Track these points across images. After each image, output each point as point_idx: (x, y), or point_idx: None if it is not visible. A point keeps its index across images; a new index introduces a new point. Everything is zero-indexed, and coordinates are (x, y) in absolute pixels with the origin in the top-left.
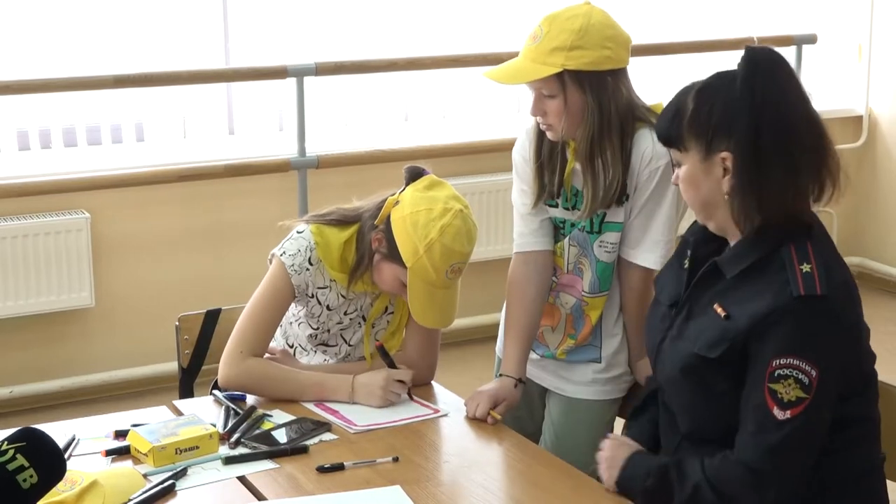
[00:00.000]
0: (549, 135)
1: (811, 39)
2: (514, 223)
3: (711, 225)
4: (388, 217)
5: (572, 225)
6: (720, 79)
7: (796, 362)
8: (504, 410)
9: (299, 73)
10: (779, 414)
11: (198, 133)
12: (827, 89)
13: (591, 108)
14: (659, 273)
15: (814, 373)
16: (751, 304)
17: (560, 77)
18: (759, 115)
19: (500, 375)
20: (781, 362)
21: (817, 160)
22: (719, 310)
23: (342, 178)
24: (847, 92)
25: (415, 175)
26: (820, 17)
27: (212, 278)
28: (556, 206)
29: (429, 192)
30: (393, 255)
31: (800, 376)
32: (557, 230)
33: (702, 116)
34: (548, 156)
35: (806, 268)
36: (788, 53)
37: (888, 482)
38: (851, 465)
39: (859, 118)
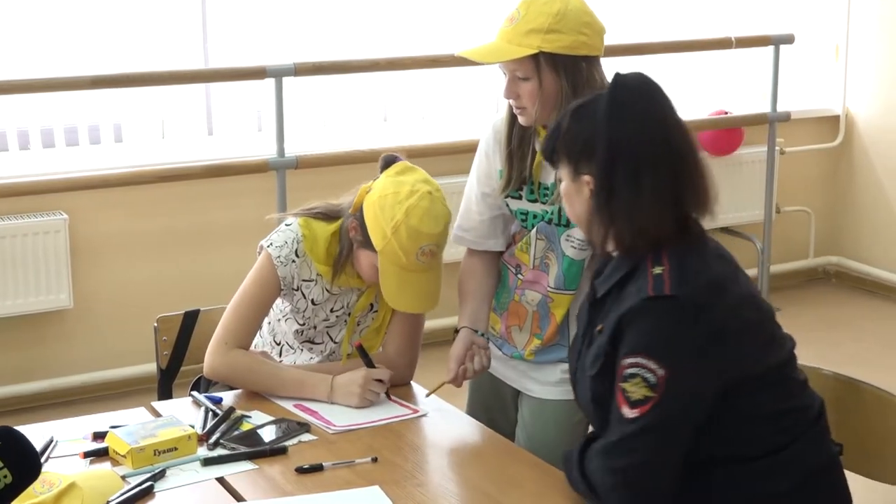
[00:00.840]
0: (521, 119)
1: (789, 40)
2: (459, 216)
3: (590, 240)
4: (362, 205)
5: (535, 217)
6: (594, 101)
7: (643, 361)
8: (479, 363)
9: (278, 73)
10: (627, 412)
11: (176, 134)
12: (804, 89)
13: (566, 93)
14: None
15: (661, 371)
16: (613, 315)
17: (535, 59)
18: (615, 145)
19: (457, 331)
20: (630, 362)
21: (677, 186)
22: (599, 328)
23: (321, 178)
24: (824, 92)
25: (389, 162)
26: (797, 17)
27: (190, 279)
28: (521, 197)
29: (399, 176)
30: (366, 241)
31: (646, 375)
32: (521, 223)
33: (570, 138)
34: (517, 144)
35: (657, 270)
36: (766, 53)
37: (865, 479)
38: (802, 460)
39: (836, 118)
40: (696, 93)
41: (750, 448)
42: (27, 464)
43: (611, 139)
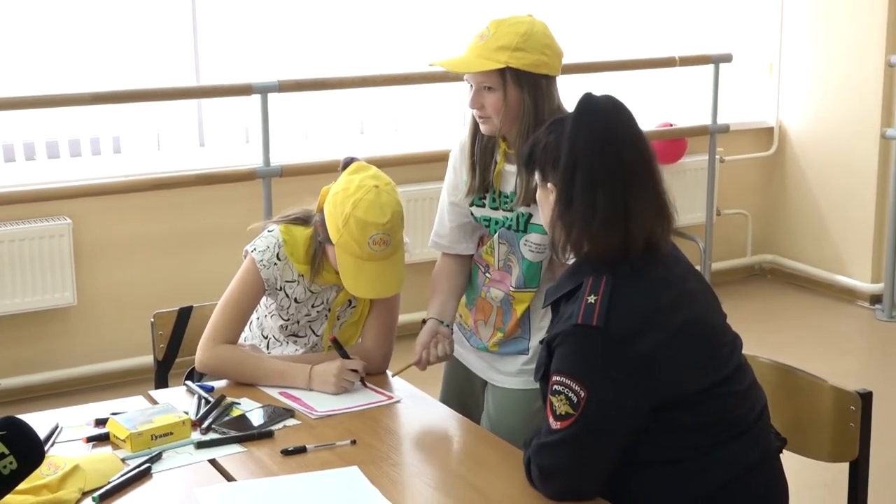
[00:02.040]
0: (484, 128)
1: (727, 58)
2: (435, 224)
3: (553, 244)
4: (323, 203)
5: (496, 223)
6: (567, 117)
7: (568, 382)
8: (442, 350)
9: (264, 90)
10: (552, 423)
11: (170, 145)
12: (741, 103)
13: (528, 106)
14: None
15: (582, 394)
16: (551, 332)
17: (502, 73)
18: (574, 159)
19: (425, 321)
20: (557, 379)
21: (629, 205)
22: (541, 340)
23: (304, 185)
24: (759, 106)
25: (347, 164)
26: (735, 38)
27: (184, 278)
28: (484, 205)
29: (351, 175)
30: (328, 236)
31: (569, 394)
32: (485, 229)
33: (541, 148)
34: (480, 154)
35: (591, 299)
36: (707, 71)
37: (802, 458)
38: (733, 460)
39: (771, 129)
40: (643, 107)
41: (680, 452)
42: (31, 451)
43: (571, 152)
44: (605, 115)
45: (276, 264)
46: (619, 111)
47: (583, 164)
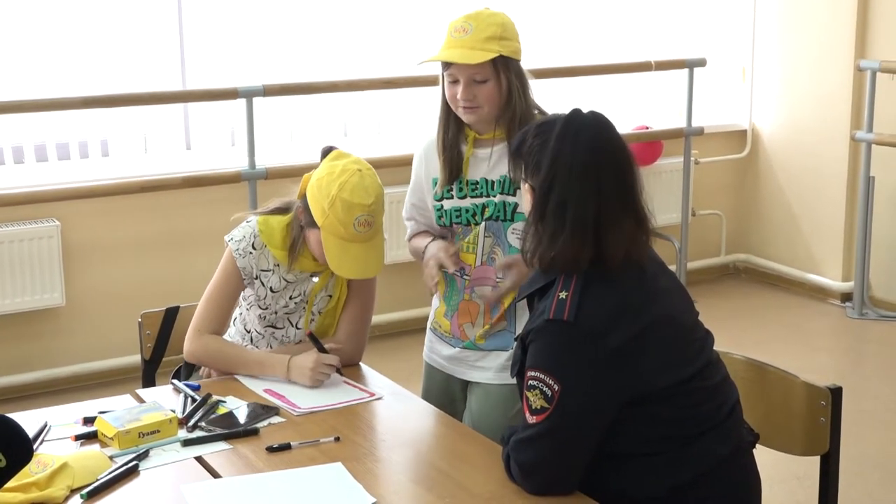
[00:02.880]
0: (469, 118)
1: (701, 63)
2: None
3: (522, 248)
4: (306, 190)
5: (467, 211)
6: (553, 123)
7: (542, 376)
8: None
9: (249, 94)
10: (528, 417)
11: (157, 148)
12: (715, 107)
13: (519, 91)
14: None
15: (556, 387)
16: (526, 327)
17: (494, 62)
18: (552, 178)
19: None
20: (531, 374)
21: (598, 227)
22: (515, 336)
23: (288, 188)
24: (733, 109)
25: (327, 152)
26: (709, 43)
27: (171, 279)
28: (452, 196)
29: (333, 161)
30: (312, 221)
31: (544, 388)
32: (456, 222)
33: (527, 148)
34: (450, 145)
35: (563, 295)
36: (682, 75)
37: (774, 451)
38: (705, 454)
39: (744, 132)
40: (620, 110)
41: (654, 446)
42: (19, 448)
43: (550, 167)
44: (588, 133)
45: (251, 253)
46: (603, 129)
47: (559, 182)
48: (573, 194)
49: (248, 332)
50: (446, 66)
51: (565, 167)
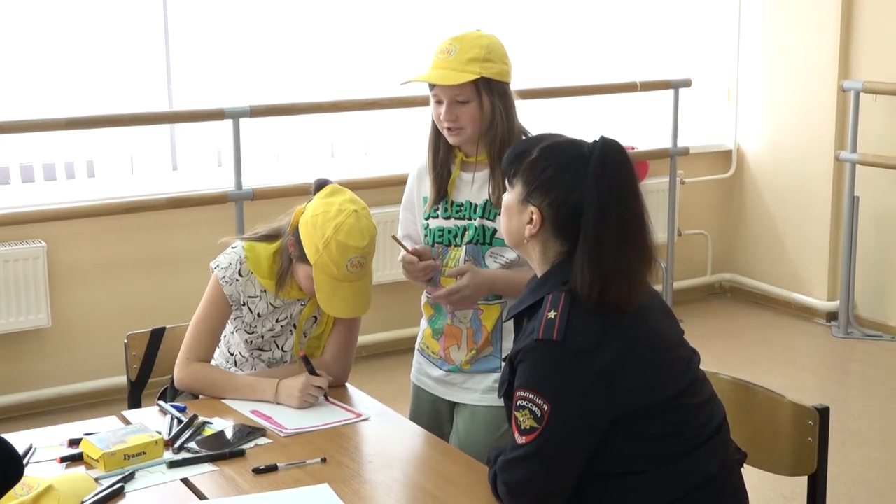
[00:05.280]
0: (454, 139)
1: (686, 84)
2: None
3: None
4: (298, 223)
5: (450, 232)
6: (570, 147)
7: (531, 396)
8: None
9: (235, 114)
10: (518, 438)
11: (144, 169)
12: (701, 127)
13: (502, 113)
14: None
15: (546, 407)
16: (514, 347)
17: (476, 84)
18: (604, 210)
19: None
20: (520, 395)
21: (606, 252)
22: (504, 357)
23: (275, 208)
24: (718, 129)
25: (320, 186)
26: (694, 64)
27: (157, 300)
28: (438, 216)
29: (328, 198)
30: (303, 256)
31: (533, 408)
32: (438, 242)
33: (536, 169)
34: (441, 164)
35: (551, 314)
36: (667, 96)
37: (762, 471)
38: (691, 473)
39: (729, 152)
40: (606, 130)
41: (641, 463)
42: (10, 468)
43: (597, 201)
44: (625, 163)
45: (237, 280)
46: (629, 160)
47: (612, 216)
48: (606, 226)
49: (233, 354)
50: (432, 86)
51: (599, 196)
